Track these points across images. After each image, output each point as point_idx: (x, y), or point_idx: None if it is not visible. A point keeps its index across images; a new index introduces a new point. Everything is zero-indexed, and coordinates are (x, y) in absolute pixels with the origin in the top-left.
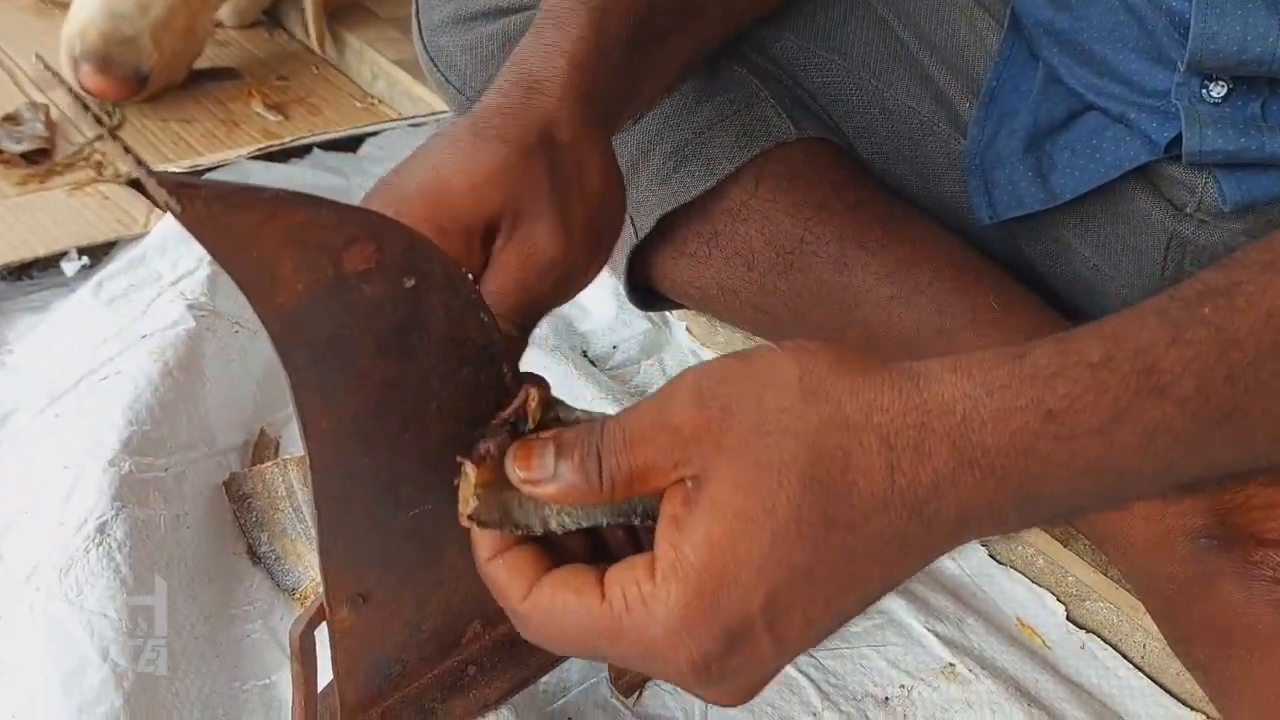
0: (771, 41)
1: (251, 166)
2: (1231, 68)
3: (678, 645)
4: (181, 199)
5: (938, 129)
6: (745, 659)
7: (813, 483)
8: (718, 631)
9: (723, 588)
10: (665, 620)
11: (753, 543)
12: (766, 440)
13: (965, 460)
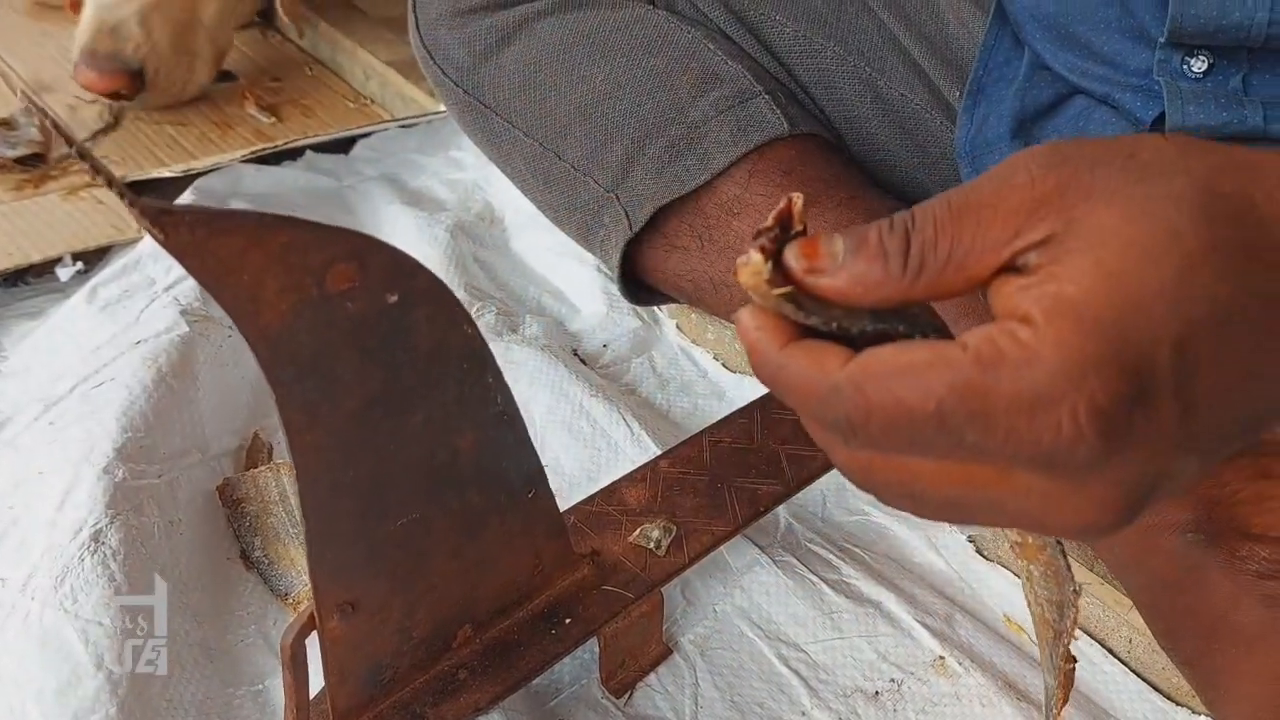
0: (769, 27)
1: (244, 169)
2: (1210, 35)
3: (1076, 386)
4: (165, 227)
5: (930, 117)
6: (1149, 421)
7: (1221, 214)
8: (1124, 372)
9: (1129, 318)
10: (1057, 359)
11: (1161, 267)
12: (1153, 181)
13: None
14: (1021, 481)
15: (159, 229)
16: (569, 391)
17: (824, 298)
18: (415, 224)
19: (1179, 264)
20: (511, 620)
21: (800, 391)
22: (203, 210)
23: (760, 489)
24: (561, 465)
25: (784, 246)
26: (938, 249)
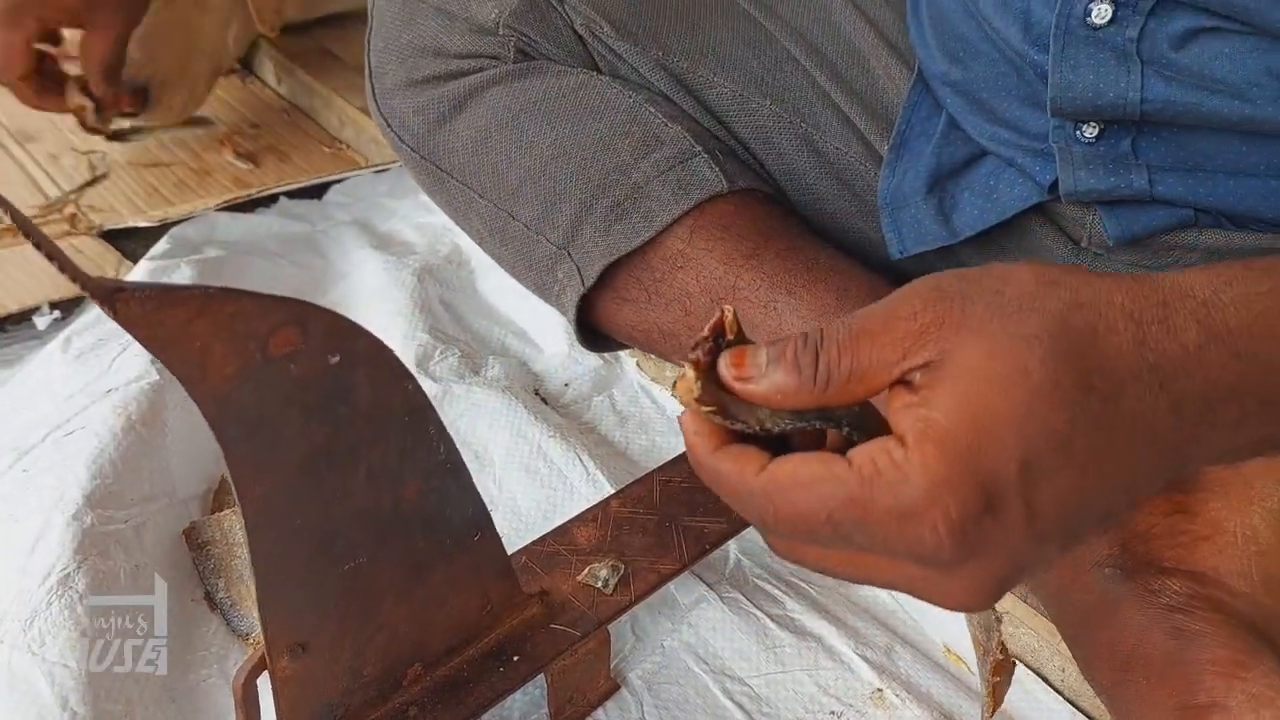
0: (707, 89)
1: (219, 217)
2: (1090, 113)
3: (935, 503)
4: (115, 303)
5: (864, 168)
6: (999, 528)
7: (1065, 352)
8: (976, 490)
9: (981, 444)
10: (922, 479)
11: (1010, 400)
12: (1012, 318)
13: (1212, 335)
14: (906, 569)
15: (109, 306)
16: (528, 433)
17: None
18: (384, 267)
19: (1025, 398)
20: (461, 658)
21: (727, 491)
22: (150, 286)
23: (707, 527)
24: (519, 505)
25: (719, 354)
26: (840, 366)
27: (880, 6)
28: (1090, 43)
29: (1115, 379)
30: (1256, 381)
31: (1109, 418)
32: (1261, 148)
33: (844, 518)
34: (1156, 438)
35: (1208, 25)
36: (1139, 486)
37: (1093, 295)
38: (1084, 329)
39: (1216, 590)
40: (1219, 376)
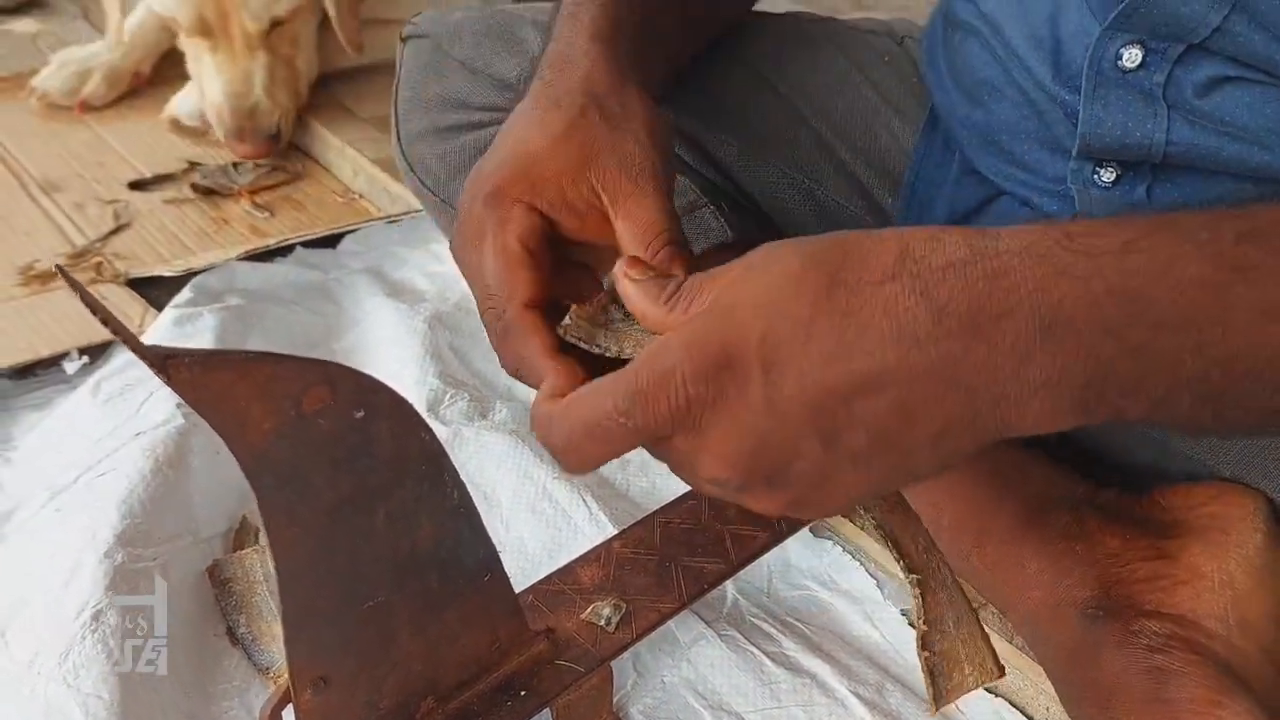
0: (716, 146)
1: (239, 267)
2: (1116, 152)
3: (681, 360)
4: (169, 369)
5: (865, 222)
6: (735, 383)
7: (819, 259)
8: (717, 349)
9: (726, 317)
10: (675, 344)
11: (758, 290)
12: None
13: (978, 252)
14: (679, 444)
15: (163, 372)
16: (534, 475)
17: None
18: (396, 315)
19: (772, 289)
20: (471, 693)
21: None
22: (198, 353)
23: (706, 567)
24: (525, 545)
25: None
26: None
27: (882, 69)
28: (1120, 85)
29: (867, 278)
30: (1027, 307)
31: (853, 307)
32: (1275, 194)
33: (625, 396)
34: (917, 337)
35: (1232, 74)
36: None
37: (875, 230)
38: (848, 243)
39: (1194, 632)
40: (986, 291)
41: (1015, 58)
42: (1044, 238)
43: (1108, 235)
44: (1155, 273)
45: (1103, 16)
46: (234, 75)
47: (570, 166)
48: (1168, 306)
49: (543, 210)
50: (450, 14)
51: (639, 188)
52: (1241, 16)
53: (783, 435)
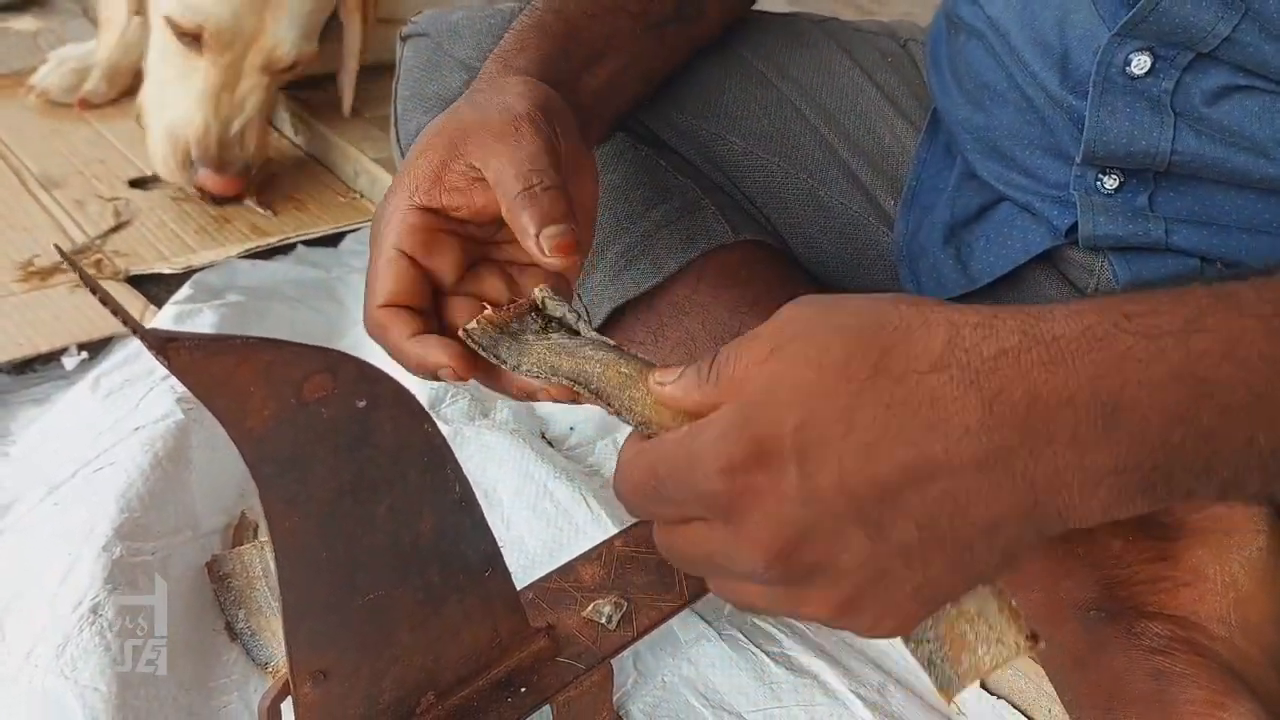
0: (718, 144)
1: (239, 264)
2: (1121, 159)
3: (715, 450)
4: (168, 353)
5: (867, 223)
6: (769, 477)
7: (869, 341)
8: (751, 441)
9: (764, 404)
10: (710, 431)
11: (800, 373)
12: (834, 311)
13: (1032, 338)
14: (716, 532)
15: (163, 355)
16: (535, 474)
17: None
18: None
19: (814, 373)
20: (471, 689)
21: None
22: (199, 337)
23: None
24: (525, 544)
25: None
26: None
27: (886, 70)
28: (1128, 91)
29: (914, 366)
30: (1087, 393)
31: (897, 396)
32: (1276, 205)
33: (663, 470)
34: (968, 426)
35: (1241, 83)
36: (941, 466)
37: (923, 303)
38: (897, 324)
39: (1196, 634)
40: (1042, 379)
41: (1020, 62)
42: (1102, 319)
43: (1168, 314)
44: (1220, 353)
45: (1112, 23)
46: (230, 100)
47: (440, 152)
48: (1236, 387)
49: (421, 203)
50: (450, 13)
51: (504, 142)
52: (1252, 26)
53: (824, 526)
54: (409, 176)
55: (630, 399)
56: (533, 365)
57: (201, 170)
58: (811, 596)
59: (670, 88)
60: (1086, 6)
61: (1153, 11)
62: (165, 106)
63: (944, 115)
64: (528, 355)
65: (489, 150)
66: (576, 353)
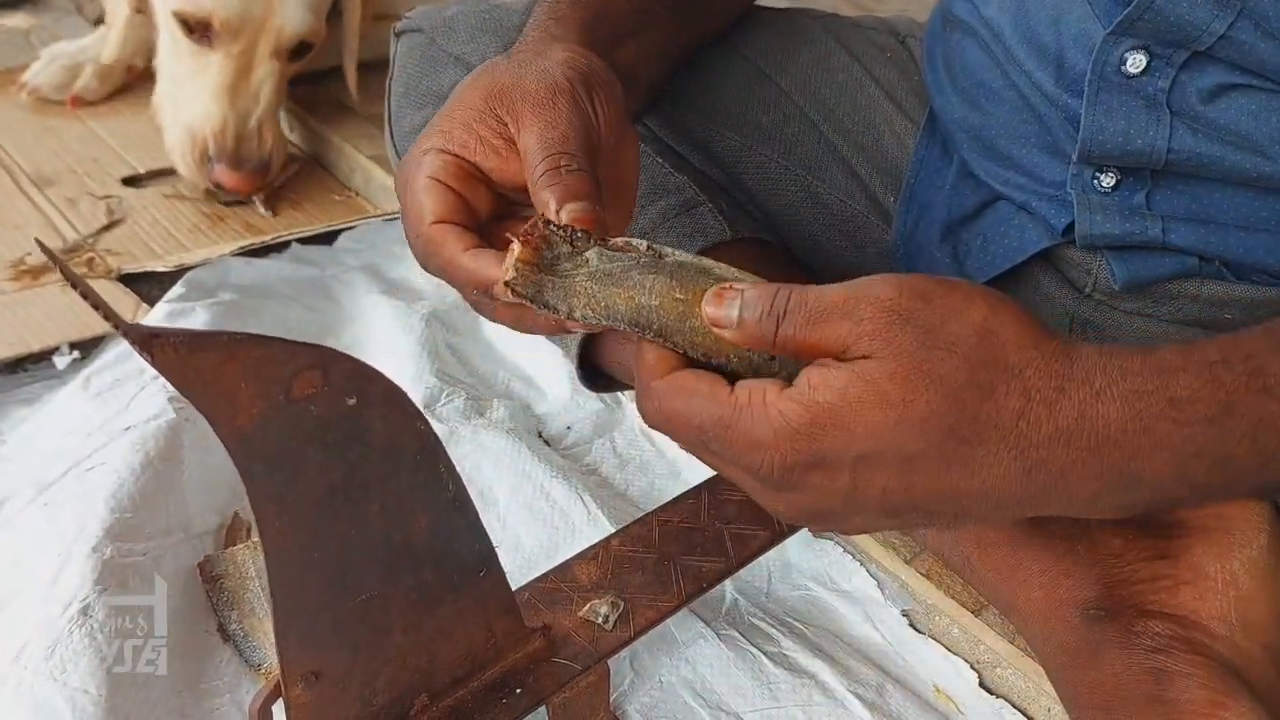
0: (716, 140)
1: (232, 262)
2: (1117, 158)
3: (779, 444)
4: (153, 349)
5: (867, 220)
6: (821, 481)
7: (954, 399)
8: (812, 453)
9: (834, 429)
10: (777, 426)
11: (880, 417)
12: (934, 353)
13: (1086, 420)
14: (743, 478)
15: (147, 351)
16: (532, 473)
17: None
18: (393, 312)
19: (894, 421)
20: (466, 690)
21: (640, 373)
22: (183, 332)
23: (704, 566)
24: (522, 543)
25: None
26: (793, 340)
27: (885, 65)
28: (1124, 90)
29: (981, 434)
30: (1114, 469)
31: (957, 456)
32: (1274, 203)
33: (711, 430)
34: (1003, 490)
35: (1238, 82)
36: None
37: (1009, 360)
38: (985, 385)
39: (1197, 633)
40: (1080, 460)
41: (1015, 61)
42: (1149, 406)
43: (1206, 401)
44: (1245, 434)
45: (1107, 21)
46: (246, 90)
47: (476, 106)
48: (1250, 460)
49: (455, 152)
50: (445, 8)
51: (538, 115)
52: (1247, 23)
53: (851, 514)
54: (441, 127)
55: (692, 331)
56: (586, 309)
57: (218, 166)
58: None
59: (667, 83)
60: (1081, 5)
61: (1148, 9)
62: (181, 104)
63: (940, 113)
64: (577, 296)
65: (523, 119)
66: (625, 280)
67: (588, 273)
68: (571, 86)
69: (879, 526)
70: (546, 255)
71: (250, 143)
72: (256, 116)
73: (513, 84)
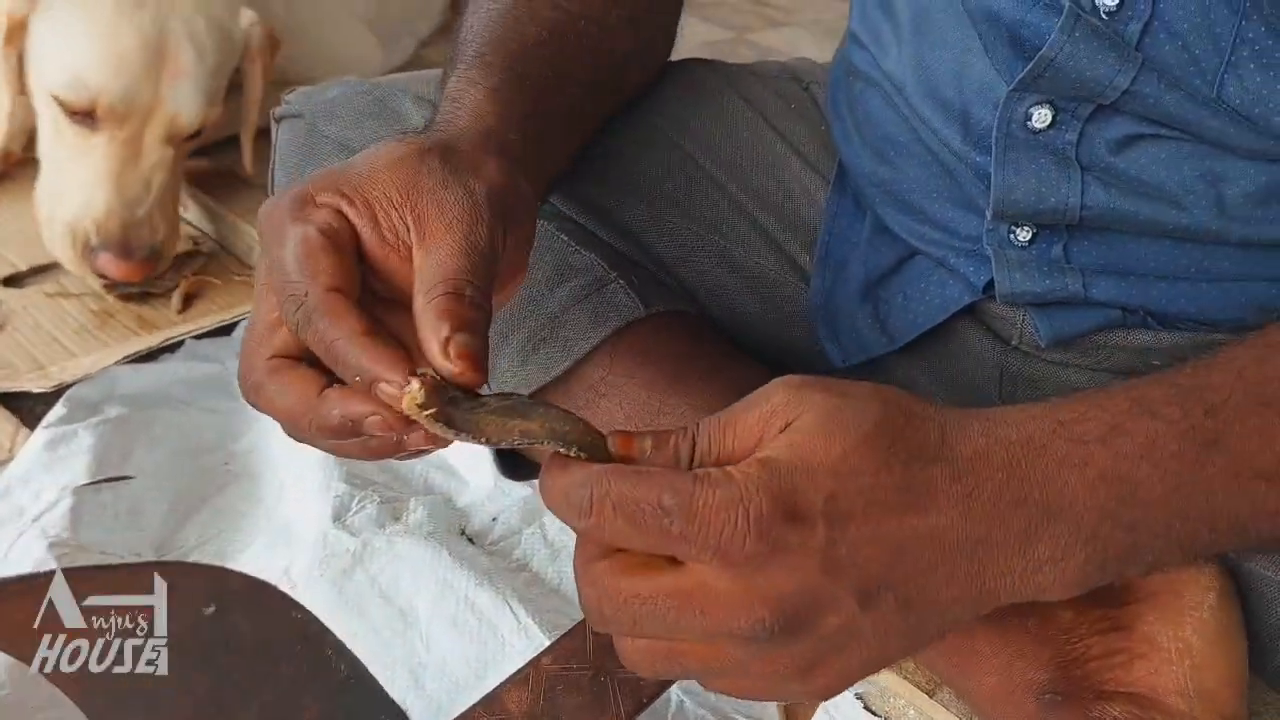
0: (622, 212)
1: (119, 372)
2: (1030, 216)
3: (748, 497)
4: None
5: (784, 281)
6: (798, 536)
7: (885, 426)
8: (785, 498)
9: (799, 469)
10: (741, 479)
11: (831, 446)
12: (849, 400)
13: (995, 440)
14: (711, 583)
15: None
16: (454, 583)
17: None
18: None
19: (843, 449)
20: None
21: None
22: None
23: (642, 679)
24: (449, 666)
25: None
26: (710, 453)
27: (789, 118)
28: (1031, 146)
29: (920, 456)
30: (1036, 490)
31: (910, 481)
32: (1192, 252)
33: (675, 495)
34: (953, 522)
35: (1146, 132)
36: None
37: (914, 407)
38: (903, 417)
39: (1156, 713)
40: (999, 478)
41: (919, 117)
42: (1041, 428)
43: (1094, 420)
44: (1139, 454)
45: (1009, 76)
46: (135, 177)
47: (391, 192)
48: (1155, 484)
49: (351, 219)
50: (324, 89)
51: (450, 234)
52: (1150, 75)
53: (828, 589)
54: (346, 186)
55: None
56: (499, 434)
57: (103, 255)
58: (779, 656)
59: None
60: (981, 59)
61: (1049, 67)
62: (64, 191)
63: (849, 167)
64: (487, 424)
65: (430, 229)
66: (529, 412)
67: (488, 409)
68: (491, 219)
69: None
70: (446, 393)
71: (140, 230)
72: (148, 204)
73: (430, 191)
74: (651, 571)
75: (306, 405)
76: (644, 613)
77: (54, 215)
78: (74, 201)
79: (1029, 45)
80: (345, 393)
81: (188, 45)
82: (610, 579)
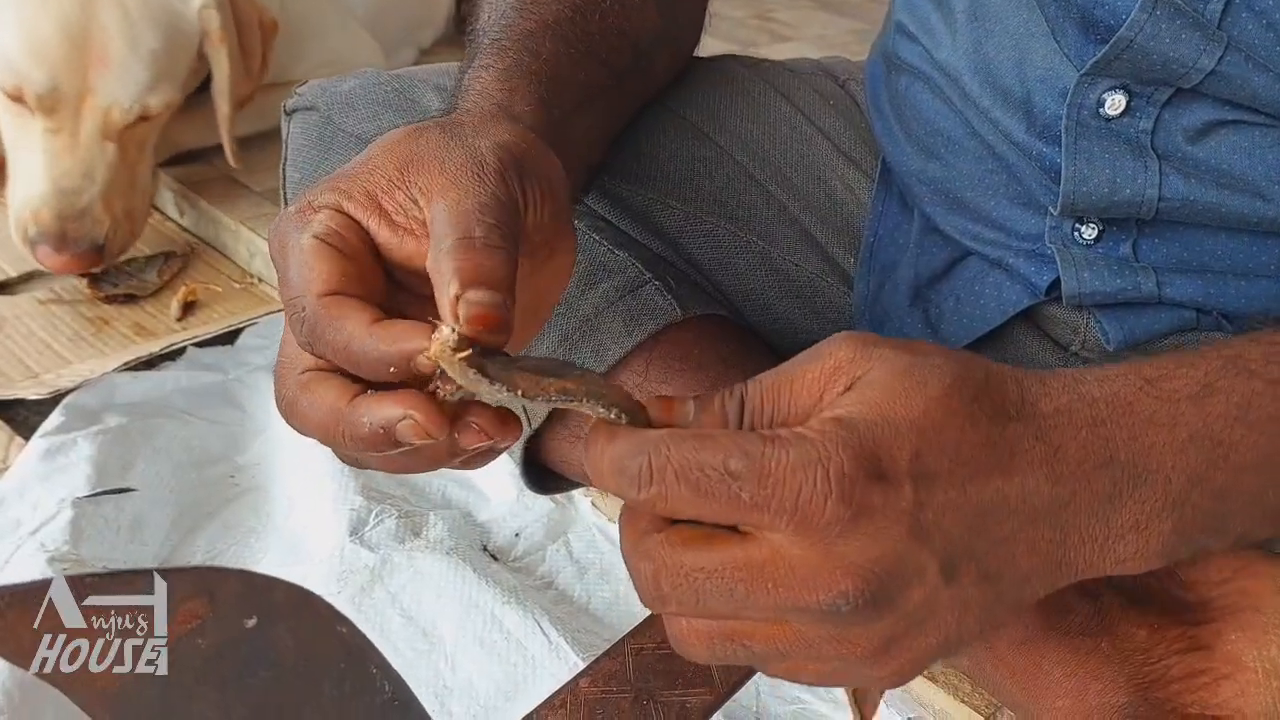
0: (658, 211)
1: (118, 379)
2: (1103, 210)
3: (829, 458)
4: None
5: (825, 284)
6: (884, 496)
7: (965, 381)
8: (869, 456)
9: (877, 428)
10: (819, 438)
11: (911, 405)
12: (919, 353)
13: (1079, 397)
14: (786, 553)
15: None
16: (479, 601)
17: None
18: None
19: (924, 406)
20: None
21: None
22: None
23: (689, 701)
24: (476, 689)
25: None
26: (763, 412)
27: (830, 115)
28: (1104, 135)
29: (1000, 414)
30: (1123, 451)
31: (992, 439)
32: (1274, 247)
33: (743, 458)
34: (1039, 483)
35: (1227, 118)
36: (1015, 505)
37: (987, 364)
38: (980, 375)
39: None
40: (1085, 436)
41: (977, 108)
42: (1126, 385)
43: (1183, 378)
44: (1233, 416)
45: (1079, 61)
46: (71, 167)
47: (388, 174)
48: (1249, 449)
49: (352, 215)
50: (340, 82)
51: (455, 186)
52: (1237, 56)
53: (915, 558)
54: (339, 184)
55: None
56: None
57: (40, 246)
58: (855, 635)
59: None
60: (1047, 43)
61: (1127, 48)
62: (14, 182)
63: (895, 165)
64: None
65: (435, 189)
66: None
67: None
68: (501, 166)
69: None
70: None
71: (79, 222)
72: (88, 196)
73: (432, 155)
74: (716, 543)
75: (337, 416)
76: (709, 589)
77: (10, 206)
78: (18, 192)
79: (1103, 26)
80: (375, 396)
81: (118, 33)
82: (669, 553)
